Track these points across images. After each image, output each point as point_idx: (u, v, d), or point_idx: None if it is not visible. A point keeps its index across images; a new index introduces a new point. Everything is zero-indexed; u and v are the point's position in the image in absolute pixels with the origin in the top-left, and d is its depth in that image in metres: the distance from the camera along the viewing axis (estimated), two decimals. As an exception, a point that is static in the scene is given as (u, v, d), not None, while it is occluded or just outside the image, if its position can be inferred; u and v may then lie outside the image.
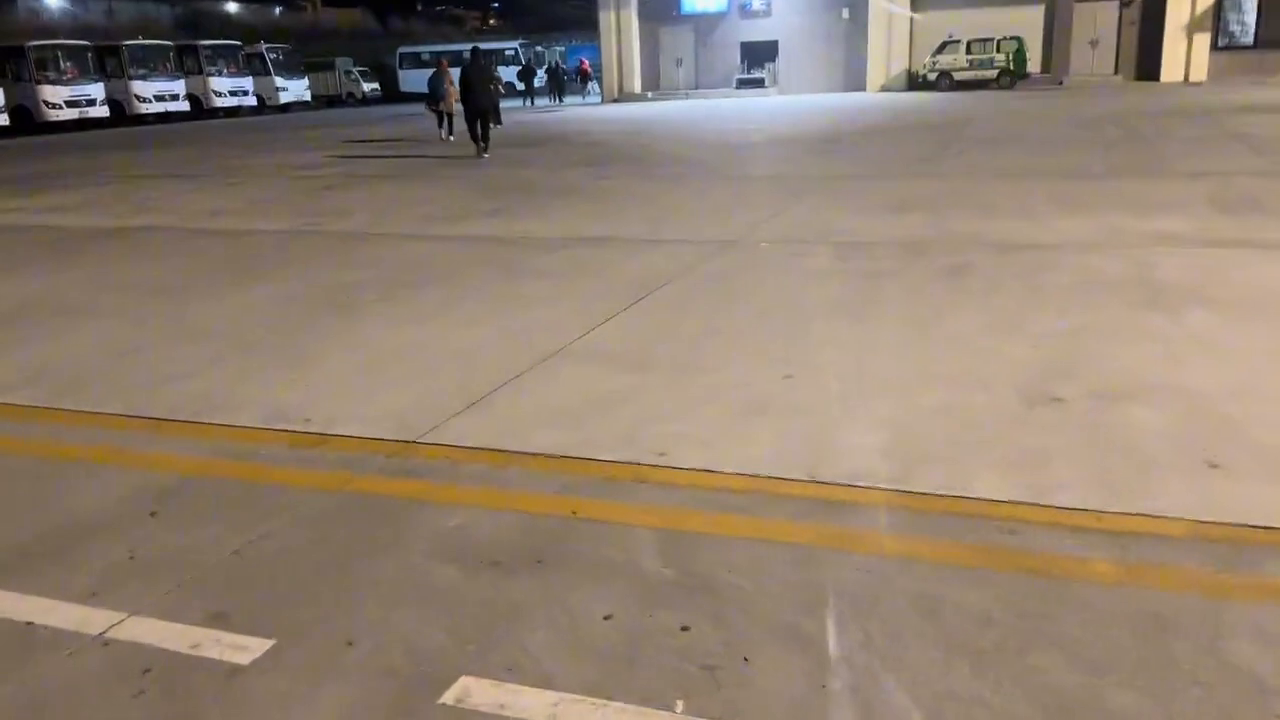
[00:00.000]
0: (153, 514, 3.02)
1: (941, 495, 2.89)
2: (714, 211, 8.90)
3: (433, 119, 19.61)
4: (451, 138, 18.35)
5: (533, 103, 37.04)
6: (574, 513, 2.88)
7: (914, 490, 2.93)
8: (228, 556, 2.72)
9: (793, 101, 30.17)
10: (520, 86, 38.19)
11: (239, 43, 39.18)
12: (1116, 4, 31.48)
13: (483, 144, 15.25)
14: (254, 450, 3.51)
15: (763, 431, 3.47)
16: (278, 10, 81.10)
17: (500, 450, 3.39)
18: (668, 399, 3.87)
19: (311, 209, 10.10)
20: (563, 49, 59.93)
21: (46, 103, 30.42)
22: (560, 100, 39.03)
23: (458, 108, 16.38)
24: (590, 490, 3.05)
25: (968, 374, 4.00)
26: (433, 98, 18.66)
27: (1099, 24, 31.89)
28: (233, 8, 75.10)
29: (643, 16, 37.07)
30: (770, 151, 14.43)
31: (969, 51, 31.17)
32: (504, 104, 28.70)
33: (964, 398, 3.72)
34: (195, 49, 36.65)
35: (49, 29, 44.40)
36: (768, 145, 15.38)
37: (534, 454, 3.35)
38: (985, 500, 2.85)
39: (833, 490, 2.96)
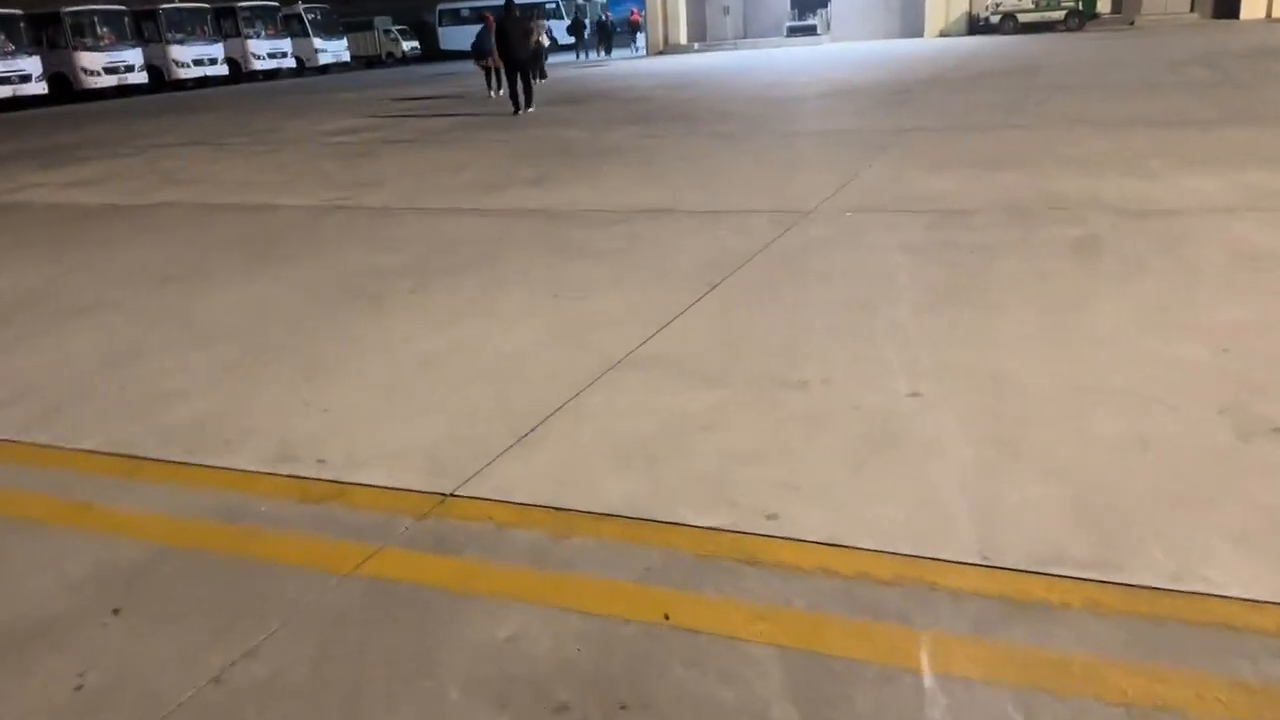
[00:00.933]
0: (115, 611, 2.32)
1: (1173, 591, 2.09)
2: (780, 174, 8.03)
3: (479, 76, 18.88)
4: (501, 92, 17.70)
5: (585, 55, 36.15)
6: (665, 618, 2.13)
7: (1131, 582, 2.13)
8: (204, 687, 2.02)
9: (847, 49, 28.79)
10: (571, 40, 37.14)
11: (276, 4, 38.47)
12: (1193, -64, 29.54)
13: (524, 99, 14.70)
14: (254, 506, 2.80)
15: (898, 479, 2.68)
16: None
17: (560, 509, 2.64)
18: (763, 427, 3.09)
19: (344, 179, 9.39)
20: (605, 1, 58.42)
21: (84, 69, 30.06)
22: (608, 54, 37.95)
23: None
24: (683, 576, 2.29)
25: (1142, 389, 3.17)
26: (479, 54, 18.21)
27: (1174, -42, 29.98)
28: (270, -32, 74.63)
29: (687, -36, 35.71)
30: (832, 104, 13.42)
31: (1034, -9, 29.49)
32: (553, 59, 28.15)
33: (1151, 426, 2.89)
34: (233, 11, 36.01)
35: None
36: (828, 97, 14.35)
37: (603, 515, 2.60)
38: (1236, 600, 2.05)
39: (1019, 582, 2.17)
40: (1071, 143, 8.41)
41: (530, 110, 14.84)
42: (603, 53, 38.13)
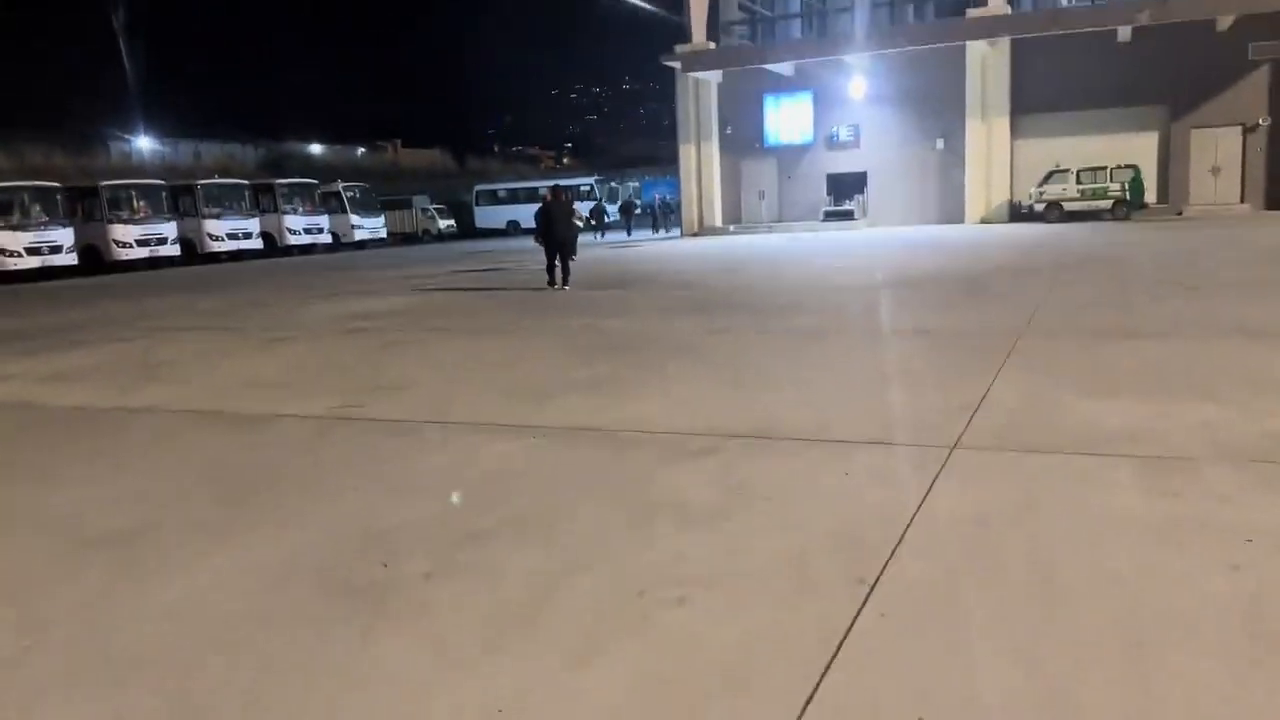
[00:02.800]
0: None
1: None
2: (889, 386, 6.55)
3: (515, 255, 18.52)
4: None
5: (629, 234, 39.11)
6: None
7: None
8: None
9: (887, 234, 28.14)
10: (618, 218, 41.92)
11: (315, 181, 38.98)
12: (1239, 129, 29.21)
13: (563, 278, 15.34)
14: None
15: None
16: (359, 151, 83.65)
17: None
18: None
19: (362, 378, 8.01)
20: (636, 184, 59.74)
21: (116, 241, 29.85)
22: (663, 230, 39.52)
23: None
24: None
25: None
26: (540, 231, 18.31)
27: (1220, 151, 29.57)
28: (316, 149, 77.41)
29: (724, 149, 35.91)
30: (906, 295, 12.15)
31: (1080, 181, 28.99)
32: (586, 237, 28.23)
33: None
34: (271, 187, 36.36)
35: (137, 171, 45.13)
36: (898, 287, 13.11)
37: None
38: None
39: None
40: (1249, 360, 6.90)
41: (566, 289, 15.07)
42: (654, 230, 39.54)
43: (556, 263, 15.33)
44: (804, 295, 12.76)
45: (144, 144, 66.12)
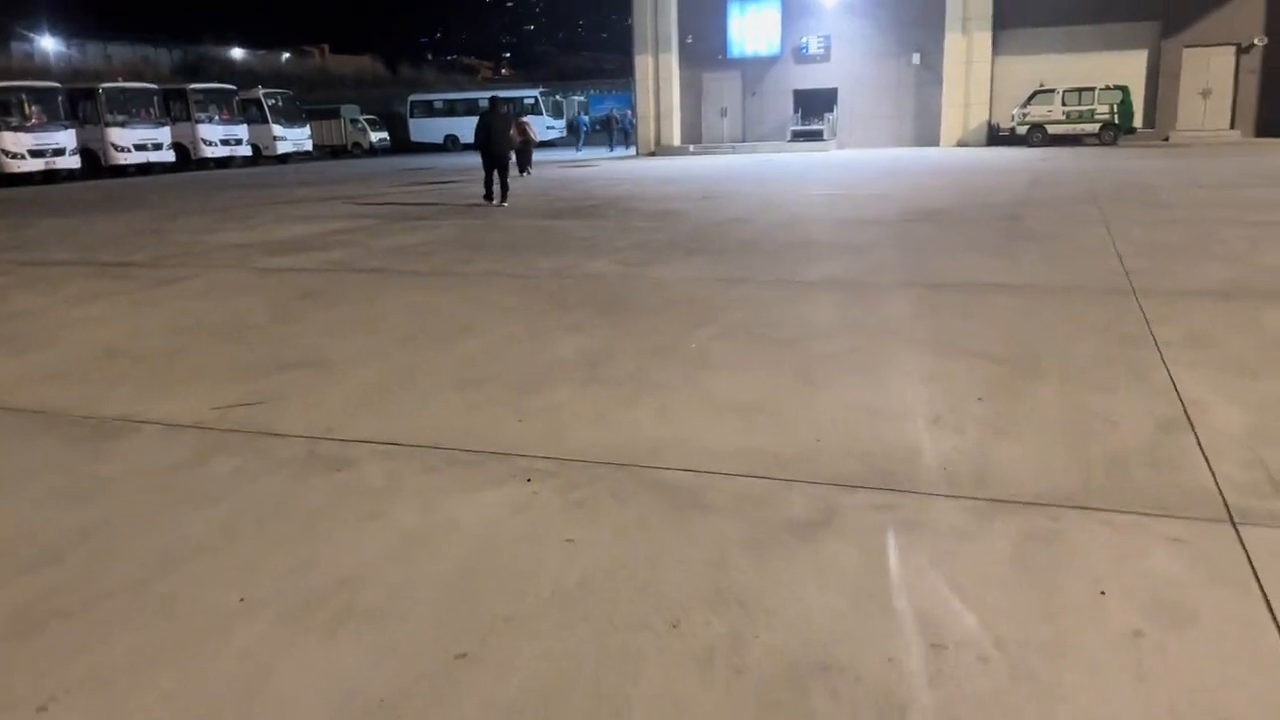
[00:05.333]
0: None
1: None
2: (1022, 377, 4.59)
3: (456, 173, 17.83)
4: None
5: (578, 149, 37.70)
6: None
7: None
8: None
9: (863, 157, 26.13)
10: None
11: (233, 87, 35.44)
12: (1233, 50, 27.57)
13: (501, 194, 15.31)
14: None
15: None
16: (284, 57, 78.15)
17: None
18: None
19: (267, 349, 5.83)
20: (583, 98, 56.71)
21: (5, 152, 26.44)
22: (625, 148, 36.95)
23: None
24: None
25: None
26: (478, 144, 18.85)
27: (1211, 72, 27.96)
28: (237, 53, 71.98)
29: (684, 62, 33.30)
30: (930, 234, 10.19)
31: (1065, 102, 27.19)
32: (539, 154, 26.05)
33: None
34: (183, 93, 32.88)
35: (40, 74, 40.71)
36: (914, 222, 11.15)
37: None
38: None
39: None
40: None
41: (505, 205, 15.00)
42: (624, 147, 36.89)
43: (495, 178, 15.40)
44: (813, 231, 10.72)
45: (48, 44, 60.63)
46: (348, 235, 11.70)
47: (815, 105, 32.05)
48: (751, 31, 32.46)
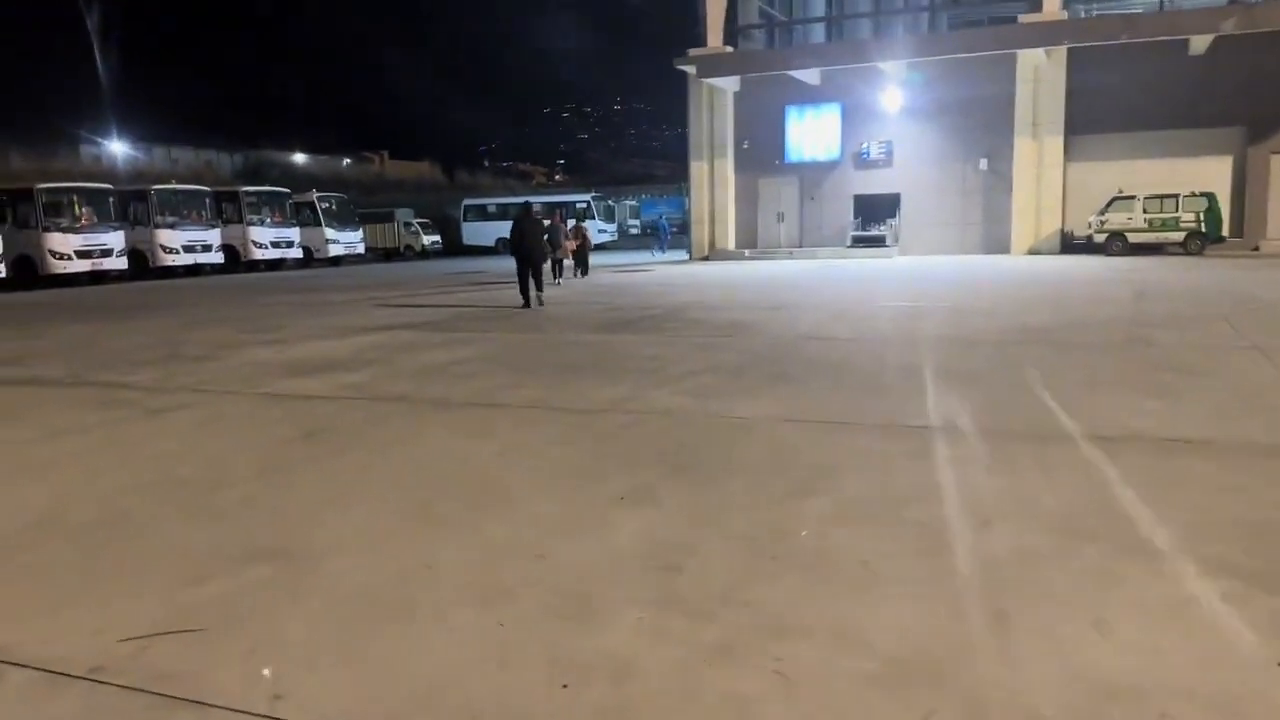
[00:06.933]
0: None
1: None
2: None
3: (503, 276, 18.80)
4: (560, 281, 20.94)
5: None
6: None
7: None
8: None
9: (930, 264, 24.75)
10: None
11: (286, 190, 35.36)
12: (1325, 155, 26.02)
13: (538, 295, 15.38)
14: None
15: None
16: (345, 162, 79.72)
17: None
18: None
19: (237, 529, 4.43)
20: (633, 202, 56.63)
21: (52, 253, 26.13)
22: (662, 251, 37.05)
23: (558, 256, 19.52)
24: None
25: None
26: (554, 245, 19.95)
27: (1303, 179, 26.39)
28: (299, 159, 73.45)
29: (740, 166, 32.52)
30: (1056, 362, 8.65)
31: (1147, 210, 25.69)
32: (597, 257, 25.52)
33: None
34: (236, 195, 32.74)
35: (109, 177, 41.23)
36: (1026, 345, 9.62)
37: None
38: None
39: None
40: None
41: (542, 306, 15.16)
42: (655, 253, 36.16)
43: (531, 280, 15.41)
44: (908, 353, 9.24)
45: (116, 148, 62.32)
46: (378, 350, 10.47)
47: (876, 210, 30.93)
48: (810, 136, 31.65)
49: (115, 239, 27.67)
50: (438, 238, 45.36)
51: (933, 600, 3.31)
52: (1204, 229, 25.18)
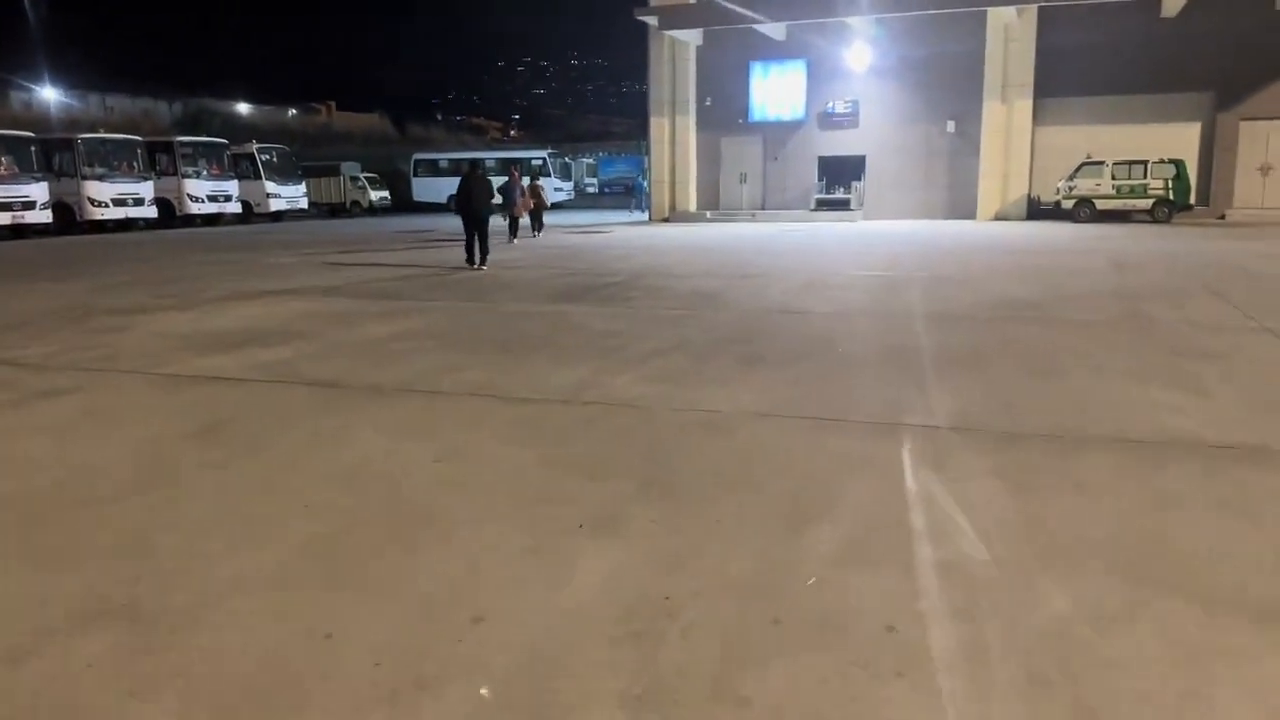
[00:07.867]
0: None
1: None
2: None
3: (453, 237, 17.94)
4: (515, 240, 20.66)
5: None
6: None
7: None
8: None
9: (897, 229, 24.06)
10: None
11: (224, 141, 33.61)
12: (1294, 123, 25.66)
13: (480, 257, 14.95)
14: None
15: None
16: (290, 113, 76.90)
17: None
18: None
19: (82, 575, 3.50)
20: (591, 160, 55.21)
21: (-30, 206, 24.42)
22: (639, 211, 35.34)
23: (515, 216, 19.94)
24: None
25: None
26: (505, 205, 19.72)
27: (1271, 147, 26.02)
28: (242, 108, 70.63)
29: (702, 125, 31.46)
30: (1036, 337, 7.91)
31: (1115, 176, 25.16)
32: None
33: None
34: (170, 146, 31.00)
35: (39, 124, 38.91)
36: (1004, 319, 8.89)
37: None
38: None
39: None
40: None
41: (485, 269, 14.65)
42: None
43: (476, 241, 15.03)
44: (888, 330, 8.44)
45: (49, 94, 59.29)
46: (309, 321, 9.44)
47: (841, 173, 30.11)
48: (774, 95, 30.66)
49: (38, 190, 25.94)
50: (386, 193, 43.71)
51: (984, 692, 2.49)
52: (1172, 196, 24.74)
